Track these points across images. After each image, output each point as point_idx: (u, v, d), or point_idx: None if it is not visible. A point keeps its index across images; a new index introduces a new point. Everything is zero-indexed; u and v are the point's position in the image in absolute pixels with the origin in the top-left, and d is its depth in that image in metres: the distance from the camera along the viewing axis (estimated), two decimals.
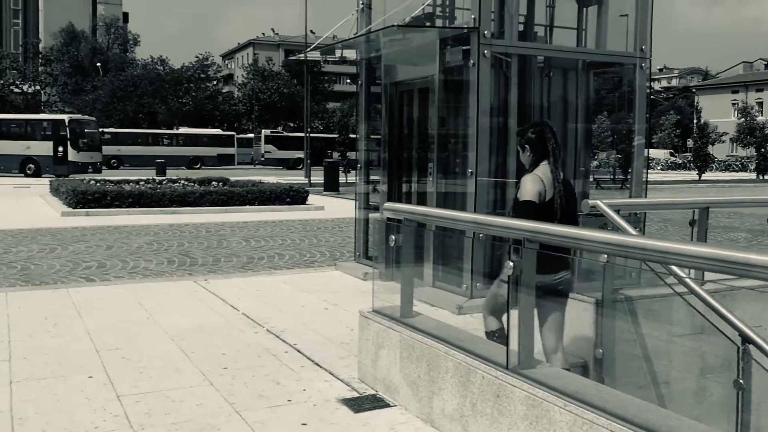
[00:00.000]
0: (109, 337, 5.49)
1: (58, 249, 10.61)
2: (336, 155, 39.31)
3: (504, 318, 4.11)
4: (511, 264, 3.32)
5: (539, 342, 4.07)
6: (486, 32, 6.49)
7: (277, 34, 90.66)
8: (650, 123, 7.59)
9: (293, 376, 4.66)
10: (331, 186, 25.11)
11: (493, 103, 6.75)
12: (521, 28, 7.36)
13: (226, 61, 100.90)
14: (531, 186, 4.21)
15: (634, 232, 4.78)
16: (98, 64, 66.20)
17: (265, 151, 55.69)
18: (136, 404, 4.13)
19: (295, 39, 67.43)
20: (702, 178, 41.41)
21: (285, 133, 59.58)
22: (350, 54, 8.40)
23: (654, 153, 61.20)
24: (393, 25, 6.63)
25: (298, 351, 5.23)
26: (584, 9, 7.50)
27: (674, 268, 4.01)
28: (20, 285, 7.84)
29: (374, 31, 7.10)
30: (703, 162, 42.69)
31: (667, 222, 14.61)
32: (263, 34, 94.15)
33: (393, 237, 4.39)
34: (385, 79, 8.03)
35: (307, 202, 18.54)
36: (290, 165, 52.50)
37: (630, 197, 7.23)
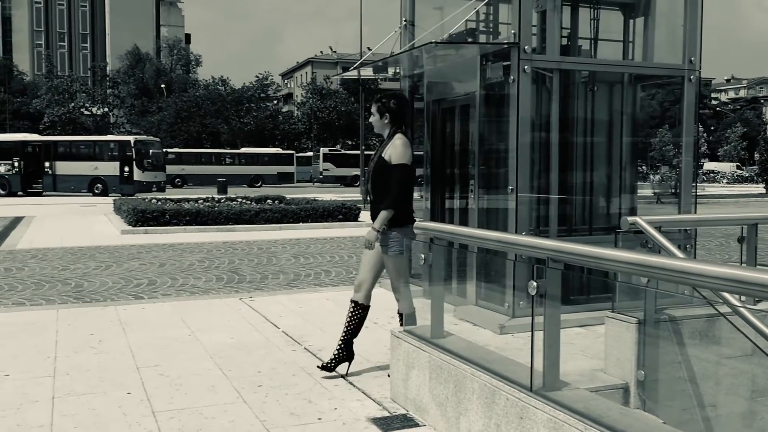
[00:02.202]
0: (149, 353, 5.60)
1: (113, 266, 10.93)
2: None
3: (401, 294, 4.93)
4: (535, 284, 3.25)
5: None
6: (526, 47, 6.41)
7: (335, 52, 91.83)
8: (698, 135, 7.36)
9: (326, 395, 4.66)
10: None
11: (534, 118, 6.66)
12: (565, 42, 7.26)
13: (286, 81, 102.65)
14: (406, 149, 4.75)
15: (674, 250, 4.62)
16: (162, 86, 68.24)
17: (324, 169, 56.37)
18: (170, 420, 4.19)
19: (353, 56, 68.19)
20: None
21: (342, 151, 60.20)
22: (392, 72, 8.42)
23: (720, 166, 59.35)
24: (431, 42, 6.62)
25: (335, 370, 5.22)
26: (630, 21, 7.35)
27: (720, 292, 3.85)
28: (72, 302, 8.09)
29: (409, 49, 7.11)
30: None
31: (720, 238, 14.11)
32: (321, 52, 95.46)
33: (422, 256, 4.36)
34: (427, 96, 8.01)
35: (359, 219, 18.62)
36: (348, 182, 52.95)
37: (679, 213, 7.01)
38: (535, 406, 3.18)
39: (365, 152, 36.67)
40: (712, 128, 74.95)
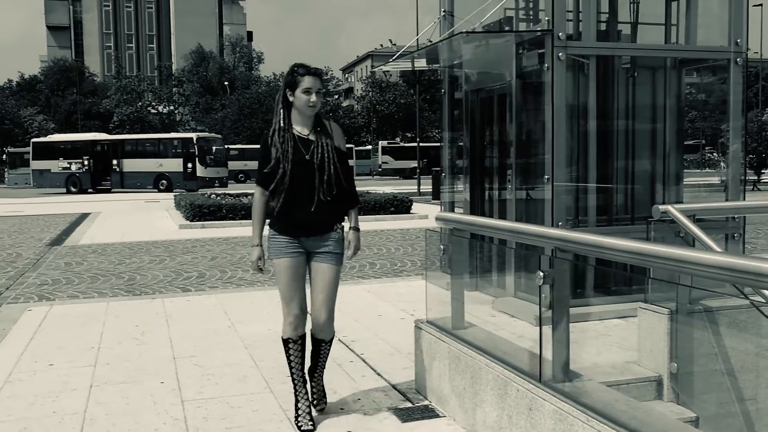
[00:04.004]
0: (188, 344, 5.76)
1: (167, 260, 11.26)
2: None
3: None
4: (542, 274, 3.21)
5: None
6: (560, 34, 6.28)
7: (395, 44, 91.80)
8: (746, 120, 7.08)
9: (352, 386, 4.71)
10: (439, 194, 25.08)
11: (571, 106, 6.54)
12: (603, 27, 7.10)
13: (346, 75, 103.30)
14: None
15: (706, 240, 4.47)
16: (225, 83, 69.64)
17: (382, 162, 56.58)
18: (197, 409, 4.31)
19: (426, 48, 67.67)
20: None
21: (401, 144, 60.27)
22: (429, 63, 8.39)
23: None
24: (462, 32, 6.58)
25: (364, 361, 5.27)
26: (673, 3, 7.12)
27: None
28: (122, 295, 8.38)
29: (438, 42, 7.07)
30: None
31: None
32: (381, 45, 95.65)
33: (442, 247, 4.35)
34: (466, 86, 7.96)
35: (411, 211, 18.64)
36: (406, 175, 52.99)
37: (727, 201, 6.77)
38: (543, 397, 3.16)
39: (422, 144, 36.63)
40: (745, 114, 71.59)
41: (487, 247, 6.43)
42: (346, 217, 4.07)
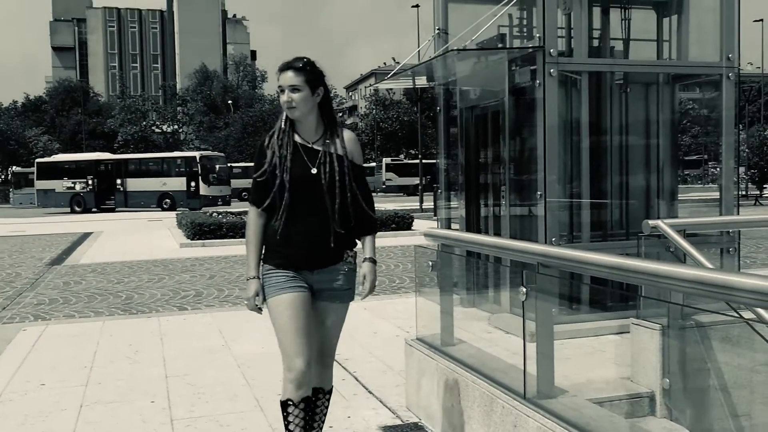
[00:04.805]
0: (181, 363, 5.75)
1: (165, 279, 11.26)
2: None
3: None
4: (525, 290, 3.21)
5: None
6: (552, 51, 6.31)
7: (398, 63, 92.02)
8: (739, 135, 7.10)
9: (342, 404, 4.69)
10: None
11: (564, 122, 6.56)
12: (596, 43, 7.13)
13: (350, 93, 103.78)
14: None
15: (697, 255, 4.47)
16: (229, 102, 70.03)
17: (386, 179, 56.74)
18: (186, 428, 4.30)
19: (420, 66, 68.05)
20: None
21: (405, 160, 60.47)
22: (423, 80, 8.43)
23: None
24: (453, 50, 6.61)
25: (356, 379, 5.26)
26: (664, 19, 7.16)
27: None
28: (119, 314, 8.38)
29: (431, 59, 7.11)
30: None
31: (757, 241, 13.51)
32: (384, 63, 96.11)
33: (430, 263, 4.35)
34: (460, 104, 7.99)
35: (412, 228, 18.64)
36: (410, 191, 53.05)
37: (720, 215, 6.76)
38: (527, 414, 3.14)
39: (424, 161, 36.73)
40: (738, 128, 71.57)
41: (479, 263, 6.43)
42: (358, 241, 3.32)
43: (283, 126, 3.20)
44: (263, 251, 3.23)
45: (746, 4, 7.03)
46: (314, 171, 3.11)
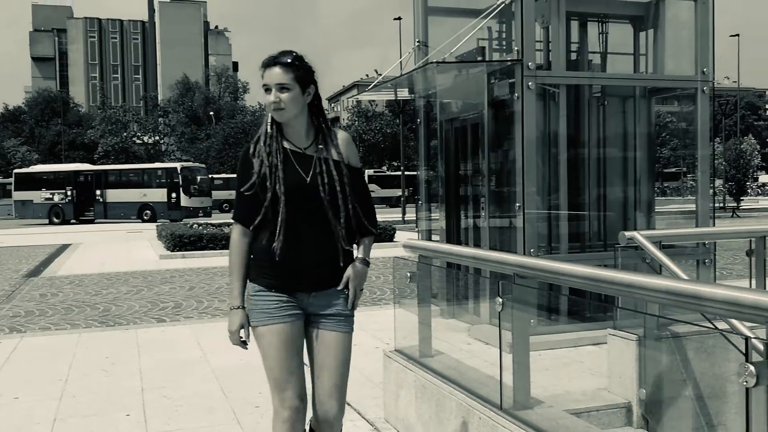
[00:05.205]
0: (157, 375, 5.70)
1: (144, 290, 11.18)
2: None
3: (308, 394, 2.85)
4: (501, 300, 3.22)
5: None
6: (530, 64, 6.37)
7: (380, 74, 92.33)
8: (714, 147, 7.18)
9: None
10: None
11: (542, 134, 6.61)
12: (574, 57, 7.21)
13: (332, 104, 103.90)
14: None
15: (672, 266, 4.51)
16: (211, 113, 69.83)
17: (369, 191, 56.82)
18: None
19: (400, 79, 68.44)
20: None
21: (388, 172, 60.62)
22: (405, 92, 8.47)
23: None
24: (432, 62, 6.66)
25: None
26: (641, 33, 7.26)
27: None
28: (96, 326, 8.30)
29: (410, 72, 7.15)
30: None
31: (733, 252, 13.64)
32: (367, 75, 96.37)
33: (408, 275, 4.36)
34: (440, 116, 8.04)
35: (394, 239, 18.65)
36: (393, 203, 53.13)
37: (696, 227, 6.84)
38: (503, 425, 3.14)
39: (407, 173, 36.80)
40: (714, 142, 72.76)
41: (459, 274, 6.45)
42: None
43: (269, 130, 2.79)
44: (251, 269, 2.82)
45: (723, 19, 7.15)
46: (308, 180, 2.74)
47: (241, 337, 2.80)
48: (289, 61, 2.75)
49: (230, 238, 2.86)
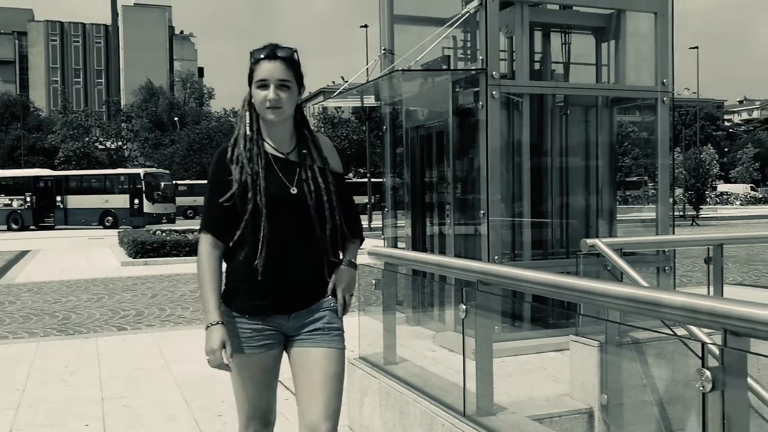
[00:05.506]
0: (118, 385, 5.61)
1: (105, 298, 11.00)
2: None
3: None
4: (464, 307, 3.24)
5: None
6: (494, 73, 6.44)
7: (347, 81, 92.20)
8: (674, 157, 7.34)
9: (284, 425, 4.63)
10: None
11: (506, 143, 6.68)
12: (537, 66, 7.30)
13: None
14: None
15: (632, 273, 4.58)
16: (175, 119, 69.12)
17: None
18: None
19: (365, 86, 68.50)
20: None
21: (354, 179, 60.64)
22: (371, 99, 8.49)
23: (732, 188, 59.09)
24: (397, 70, 6.68)
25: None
26: (603, 44, 7.38)
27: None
28: (55, 334, 8.14)
29: (376, 79, 7.17)
30: None
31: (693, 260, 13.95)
32: (333, 82, 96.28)
33: (373, 282, 4.36)
34: (406, 123, 8.07)
35: (360, 247, 18.62)
36: (360, 210, 53.17)
37: (657, 235, 6.96)
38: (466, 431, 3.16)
39: (373, 180, 36.84)
40: (726, 150, 74.78)
41: (424, 281, 6.47)
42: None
43: (248, 132, 2.51)
44: (224, 291, 2.53)
45: (684, 32, 7.32)
46: (293, 190, 2.48)
47: (225, 361, 2.44)
48: (290, 56, 2.49)
49: (198, 250, 2.53)
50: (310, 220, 2.48)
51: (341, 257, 2.64)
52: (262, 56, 2.47)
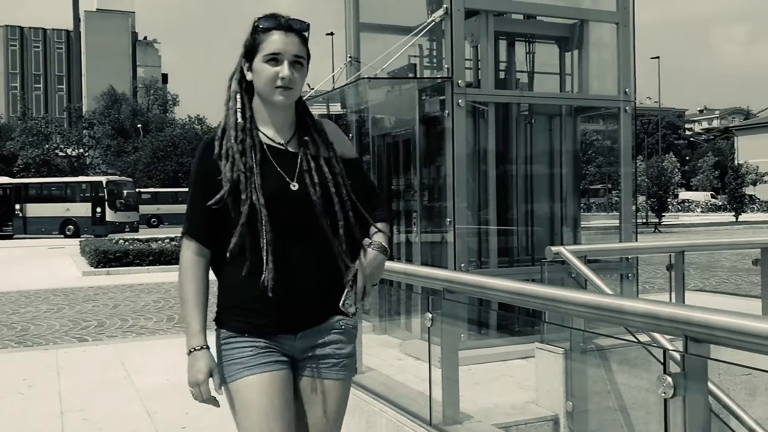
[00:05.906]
0: (78, 397, 5.48)
1: (66, 309, 10.78)
2: None
3: None
4: (430, 315, 3.23)
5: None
6: (460, 82, 6.47)
7: (312, 88, 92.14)
8: (636, 165, 7.45)
9: None
10: None
11: (472, 151, 6.72)
12: (502, 75, 7.36)
13: None
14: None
15: (595, 280, 4.63)
16: (139, 126, 68.28)
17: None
18: None
19: (331, 93, 68.48)
20: (739, 220, 40.40)
21: None
22: (337, 107, 8.48)
23: (693, 195, 60.27)
24: (363, 78, 6.68)
25: None
26: (566, 54, 7.47)
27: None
28: (13, 346, 7.95)
29: (343, 87, 7.17)
30: (738, 203, 41.66)
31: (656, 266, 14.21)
32: None
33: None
34: (373, 131, 8.07)
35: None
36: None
37: (620, 242, 7.05)
38: None
39: None
40: (687, 158, 76.30)
41: (391, 290, 6.46)
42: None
43: (241, 119, 2.10)
44: (218, 311, 2.16)
45: (646, 42, 7.45)
46: (294, 186, 2.07)
47: (212, 392, 2.06)
48: (305, 30, 2.12)
49: (180, 260, 2.13)
50: (318, 219, 2.07)
51: (371, 242, 2.17)
52: (272, 25, 2.07)
